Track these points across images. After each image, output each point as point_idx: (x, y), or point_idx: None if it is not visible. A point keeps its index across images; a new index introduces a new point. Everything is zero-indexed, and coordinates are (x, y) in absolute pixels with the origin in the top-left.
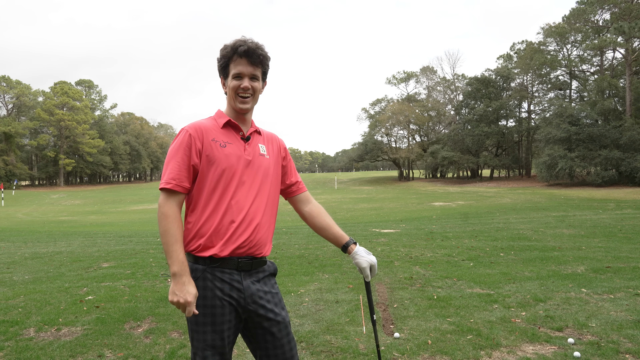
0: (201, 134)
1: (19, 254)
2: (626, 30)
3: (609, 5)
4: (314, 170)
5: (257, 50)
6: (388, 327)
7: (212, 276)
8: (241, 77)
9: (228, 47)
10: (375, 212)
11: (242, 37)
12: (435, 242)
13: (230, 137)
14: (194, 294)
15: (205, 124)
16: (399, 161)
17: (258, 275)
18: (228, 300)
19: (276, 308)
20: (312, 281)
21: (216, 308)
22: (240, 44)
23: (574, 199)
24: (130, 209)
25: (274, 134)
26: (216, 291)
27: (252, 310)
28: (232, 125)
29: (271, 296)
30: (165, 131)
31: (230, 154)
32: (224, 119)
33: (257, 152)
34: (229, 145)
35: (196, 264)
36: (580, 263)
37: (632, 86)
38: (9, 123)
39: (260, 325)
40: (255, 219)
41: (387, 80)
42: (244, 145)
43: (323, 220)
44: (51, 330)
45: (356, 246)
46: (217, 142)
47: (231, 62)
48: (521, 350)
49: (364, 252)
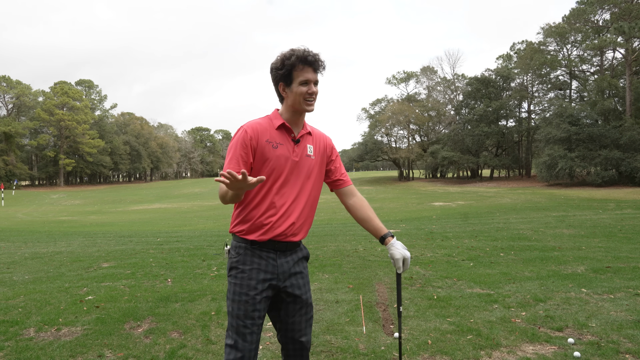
0: (257, 134)
1: (19, 254)
2: (626, 30)
3: (609, 5)
4: None
5: (320, 59)
6: (388, 327)
7: (251, 253)
8: (308, 83)
9: (293, 57)
10: (375, 212)
11: (301, 47)
12: (435, 242)
13: (282, 139)
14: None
15: (262, 124)
16: (399, 161)
17: (292, 257)
18: (264, 277)
19: (303, 288)
20: (312, 281)
21: (252, 281)
22: (306, 54)
23: (574, 199)
24: (130, 209)
25: (324, 134)
26: (254, 266)
27: (281, 286)
28: (286, 128)
29: (301, 277)
30: (165, 131)
31: (281, 155)
32: (279, 120)
33: (305, 154)
34: (280, 147)
35: (240, 242)
36: (580, 263)
37: (632, 86)
38: (9, 123)
39: (286, 299)
40: (294, 215)
41: (387, 80)
42: (293, 147)
43: (365, 213)
44: (51, 330)
45: (393, 239)
46: (271, 143)
47: (295, 70)
48: (521, 350)
49: (399, 246)
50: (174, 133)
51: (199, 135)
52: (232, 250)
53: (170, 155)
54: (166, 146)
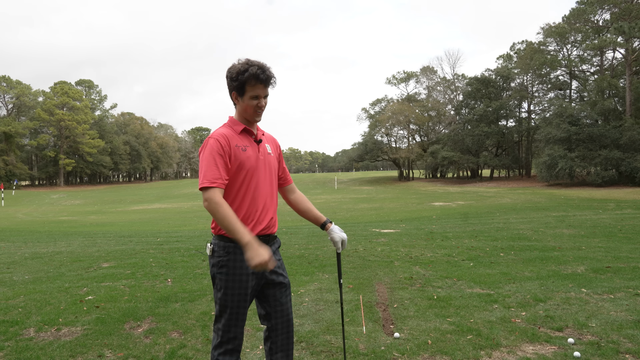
0: (227, 141)
1: (19, 254)
2: (626, 30)
3: (609, 5)
4: (314, 171)
5: (272, 77)
6: (388, 327)
7: (240, 252)
8: (258, 98)
9: (247, 73)
10: (375, 212)
11: (254, 62)
12: (435, 242)
13: (247, 142)
14: (269, 250)
15: (228, 132)
16: (399, 161)
17: (272, 248)
18: (252, 271)
19: (284, 272)
20: (312, 281)
21: (243, 276)
22: (260, 72)
23: (574, 199)
24: (130, 209)
25: (272, 136)
26: (244, 263)
27: (267, 276)
28: (247, 131)
29: (280, 263)
30: (165, 131)
31: (250, 156)
32: (240, 126)
33: (266, 152)
34: (248, 149)
35: (227, 242)
36: (580, 263)
37: (632, 86)
38: (9, 123)
39: (272, 287)
40: (272, 209)
41: (387, 80)
42: (257, 147)
43: (305, 205)
44: (51, 330)
45: (332, 224)
46: (240, 146)
47: (248, 85)
48: (521, 350)
49: (337, 230)
50: (174, 133)
51: (199, 135)
52: (219, 249)
53: (170, 155)
54: (166, 146)
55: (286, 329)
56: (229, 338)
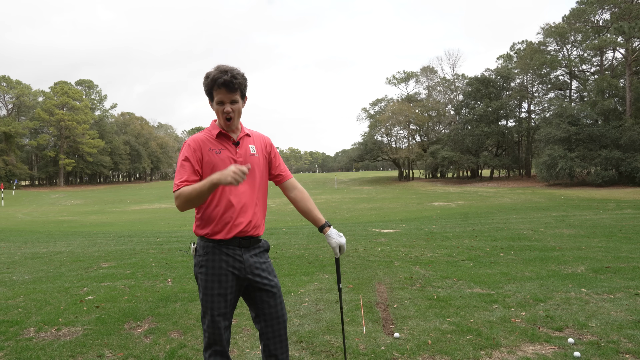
0: (199, 145)
1: (19, 254)
2: (626, 30)
3: (609, 5)
4: (314, 171)
5: (233, 80)
6: (388, 327)
7: (219, 251)
8: (223, 104)
9: (209, 79)
10: (375, 212)
11: (220, 67)
12: (435, 242)
13: (223, 144)
14: (232, 165)
15: (203, 137)
16: (399, 161)
17: (255, 251)
18: (231, 271)
19: (270, 276)
20: (312, 281)
21: (222, 276)
22: (218, 77)
23: (574, 199)
24: (130, 209)
25: (261, 134)
26: (222, 263)
27: (251, 278)
28: (223, 134)
29: (266, 266)
30: (165, 131)
31: (225, 158)
32: (216, 130)
33: (248, 153)
34: (223, 151)
35: (207, 242)
36: (580, 263)
37: (632, 86)
38: (9, 123)
39: (258, 290)
40: (250, 208)
41: (387, 80)
42: (235, 149)
43: (305, 205)
44: (51, 330)
45: (330, 228)
46: (213, 150)
47: (213, 91)
48: (521, 350)
49: (335, 235)
50: (174, 133)
51: None
52: (199, 249)
53: (170, 155)
54: (166, 146)
55: (277, 332)
56: (215, 339)
